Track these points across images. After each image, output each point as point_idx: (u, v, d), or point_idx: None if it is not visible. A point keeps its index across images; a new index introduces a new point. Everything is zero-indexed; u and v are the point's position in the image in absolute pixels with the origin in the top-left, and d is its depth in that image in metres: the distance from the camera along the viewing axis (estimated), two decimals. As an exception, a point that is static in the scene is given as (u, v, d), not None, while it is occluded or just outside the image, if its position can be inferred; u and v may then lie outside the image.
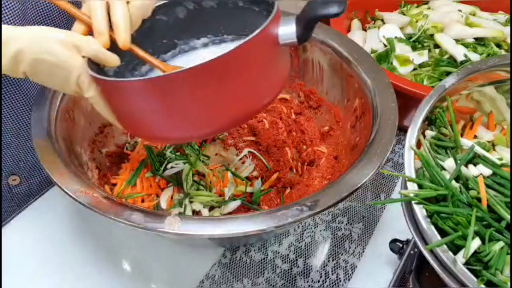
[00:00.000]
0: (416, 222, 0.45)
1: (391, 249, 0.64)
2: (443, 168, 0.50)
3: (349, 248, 0.69)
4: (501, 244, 0.43)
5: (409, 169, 0.48)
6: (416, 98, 0.74)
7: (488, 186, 0.47)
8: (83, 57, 0.48)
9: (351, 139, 0.71)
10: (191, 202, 0.66)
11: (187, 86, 0.43)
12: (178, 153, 0.72)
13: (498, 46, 0.92)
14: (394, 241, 0.65)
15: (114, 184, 0.69)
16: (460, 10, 0.97)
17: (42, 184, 0.78)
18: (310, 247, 0.69)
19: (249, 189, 0.70)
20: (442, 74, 0.86)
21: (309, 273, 0.66)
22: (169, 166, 0.69)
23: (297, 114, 0.82)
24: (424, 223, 0.43)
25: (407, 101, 0.74)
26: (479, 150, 0.51)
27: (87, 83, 0.48)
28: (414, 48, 0.91)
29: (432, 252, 0.42)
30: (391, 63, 0.89)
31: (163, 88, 0.44)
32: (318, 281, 0.65)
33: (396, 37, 0.92)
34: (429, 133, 0.54)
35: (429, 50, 0.90)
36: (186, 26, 0.60)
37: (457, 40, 0.90)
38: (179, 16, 0.59)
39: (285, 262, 0.67)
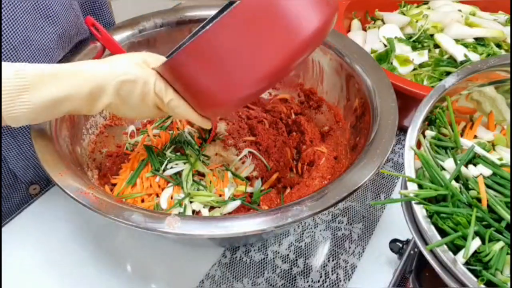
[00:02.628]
0: (416, 222, 0.45)
1: (391, 249, 0.64)
2: (443, 168, 0.50)
3: (349, 248, 0.69)
4: (501, 244, 0.43)
5: (409, 169, 0.48)
6: (416, 98, 0.74)
7: (488, 186, 0.47)
8: (153, 69, 0.54)
9: (351, 139, 0.71)
10: (191, 202, 0.66)
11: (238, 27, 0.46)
12: (178, 153, 0.72)
13: (498, 46, 0.92)
14: (394, 241, 0.65)
15: (114, 184, 0.69)
16: (460, 10, 0.97)
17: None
18: (310, 247, 0.69)
19: (249, 189, 0.70)
20: (442, 74, 0.86)
21: (309, 273, 0.66)
22: (169, 166, 0.69)
23: (297, 114, 0.82)
24: (424, 223, 0.43)
25: (407, 101, 0.74)
26: (479, 150, 0.51)
27: (164, 88, 0.54)
28: (414, 48, 0.91)
29: (432, 252, 0.42)
30: (391, 63, 0.89)
31: (214, 39, 0.46)
32: (318, 281, 0.65)
33: (396, 37, 0.92)
34: (429, 133, 0.54)
35: (429, 50, 0.90)
36: None
37: (457, 40, 0.90)
38: None
39: (285, 262, 0.67)
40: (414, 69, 0.88)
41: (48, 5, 0.62)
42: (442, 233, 0.43)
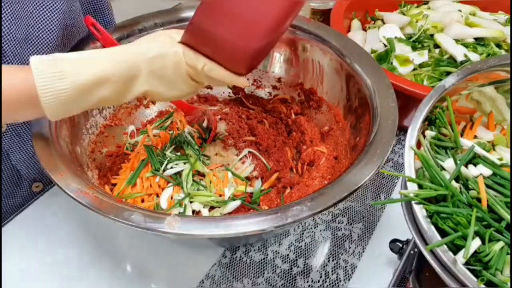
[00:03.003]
0: (416, 222, 0.45)
1: (391, 249, 0.64)
2: (443, 168, 0.50)
3: (349, 248, 0.69)
4: (501, 244, 0.43)
5: (409, 169, 0.48)
6: (416, 98, 0.74)
7: (488, 186, 0.47)
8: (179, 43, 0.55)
9: (351, 139, 0.71)
10: (191, 202, 0.66)
11: None
12: (178, 153, 0.72)
13: (498, 46, 0.92)
14: (394, 241, 0.65)
15: (114, 184, 0.69)
16: (460, 10, 0.97)
17: None
18: (310, 247, 0.69)
19: (249, 189, 0.70)
20: (442, 74, 0.86)
21: (309, 273, 0.66)
22: (169, 166, 0.69)
23: (297, 114, 0.82)
24: (424, 223, 0.43)
25: (407, 101, 0.74)
26: (479, 150, 0.51)
27: (194, 56, 0.55)
28: (414, 48, 0.91)
29: (432, 252, 0.42)
30: (391, 63, 0.89)
31: None
32: (318, 281, 0.65)
33: (396, 37, 0.92)
34: (429, 133, 0.54)
35: (429, 50, 0.90)
36: None
37: (457, 40, 0.90)
38: None
39: (285, 262, 0.67)
40: (414, 69, 0.88)
41: (53, 2, 0.62)
42: (442, 233, 0.43)
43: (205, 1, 0.51)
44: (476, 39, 0.92)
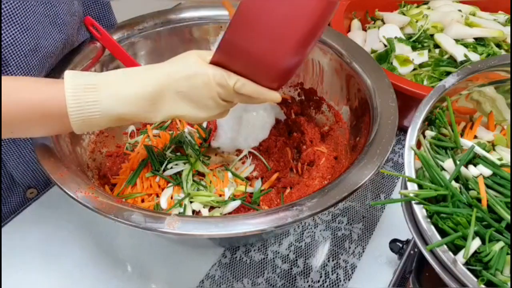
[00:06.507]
0: (416, 222, 0.45)
1: (391, 249, 0.64)
2: (443, 169, 0.50)
3: (349, 248, 0.69)
4: (501, 244, 0.43)
5: (409, 169, 0.48)
6: (416, 98, 0.74)
7: (488, 186, 0.47)
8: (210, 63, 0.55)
9: (351, 139, 0.71)
10: (191, 202, 0.66)
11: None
12: (178, 153, 0.72)
13: (498, 46, 0.92)
14: (394, 241, 0.65)
15: (114, 184, 0.69)
16: (460, 10, 0.97)
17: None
18: (310, 247, 0.69)
19: (249, 189, 0.70)
20: (442, 74, 0.86)
21: (309, 273, 0.66)
22: (169, 166, 0.69)
23: (297, 114, 0.82)
24: (424, 223, 0.43)
25: (407, 101, 0.74)
26: (479, 150, 0.51)
27: (225, 74, 0.54)
28: (414, 48, 0.91)
29: (432, 252, 0.42)
30: (391, 63, 0.89)
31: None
32: (318, 281, 0.65)
33: (396, 37, 0.92)
34: (429, 133, 0.54)
35: (429, 50, 0.90)
36: None
37: (457, 40, 0.90)
38: None
39: (285, 262, 0.67)
40: (414, 69, 0.88)
41: (57, 13, 0.62)
42: (442, 233, 0.43)
43: (236, 18, 0.50)
44: (476, 39, 0.92)
